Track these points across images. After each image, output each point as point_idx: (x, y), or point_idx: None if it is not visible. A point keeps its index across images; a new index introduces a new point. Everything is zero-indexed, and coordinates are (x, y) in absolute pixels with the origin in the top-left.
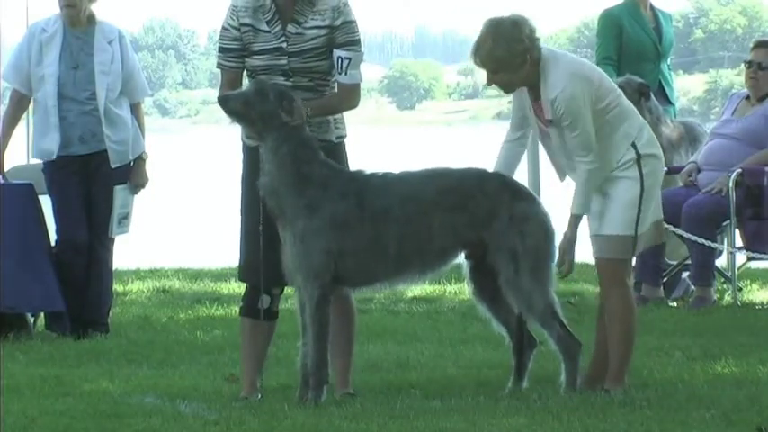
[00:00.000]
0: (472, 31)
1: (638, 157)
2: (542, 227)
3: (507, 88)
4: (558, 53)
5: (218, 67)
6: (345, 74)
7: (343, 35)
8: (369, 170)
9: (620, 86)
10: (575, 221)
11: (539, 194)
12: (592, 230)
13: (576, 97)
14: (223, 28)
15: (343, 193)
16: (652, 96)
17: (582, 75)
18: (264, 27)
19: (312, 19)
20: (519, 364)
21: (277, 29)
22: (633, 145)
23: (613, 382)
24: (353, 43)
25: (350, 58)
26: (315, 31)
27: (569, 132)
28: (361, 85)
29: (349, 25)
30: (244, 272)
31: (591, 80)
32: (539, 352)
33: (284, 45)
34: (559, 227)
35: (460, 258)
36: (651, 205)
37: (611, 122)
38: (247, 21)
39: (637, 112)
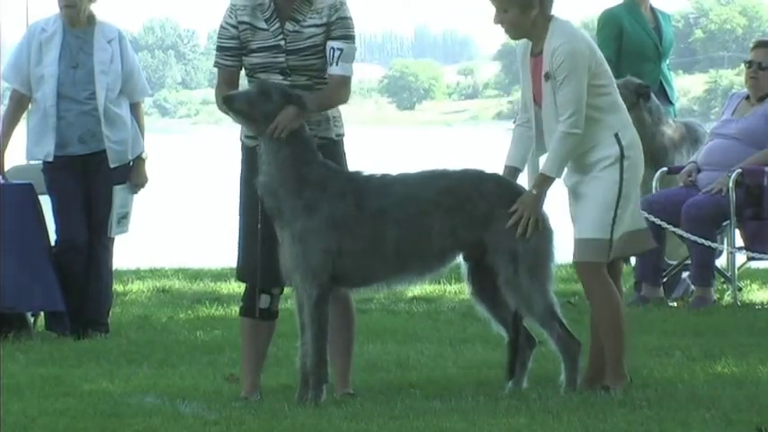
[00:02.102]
0: (472, 31)
1: (622, 154)
2: (541, 227)
3: (513, 32)
4: (572, 23)
5: (215, 66)
6: (336, 64)
7: (337, 29)
8: (367, 171)
9: (620, 88)
10: (542, 181)
11: None
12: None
13: (577, 53)
14: (221, 27)
15: (341, 194)
16: (653, 97)
17: (588, 42)
18: (263, 25)
19: (310, 18)
20: (512, 362)
21: (275, 27)
22: (617, 138)
23: (613, 380)
24: (347, 37)
25: (342, 49)
26: (313, 30)
27: (561, 88)
28: (362, 86)
29: (344, 21)
30: (242, 272)
31: (594, 52)
32: (539, 352)
33: (282, 43)
34: (558, 227)
35: (459, 259)
36: (628, 209)
37: (601, 107)
38: (246, 19)
39: (628, 113)
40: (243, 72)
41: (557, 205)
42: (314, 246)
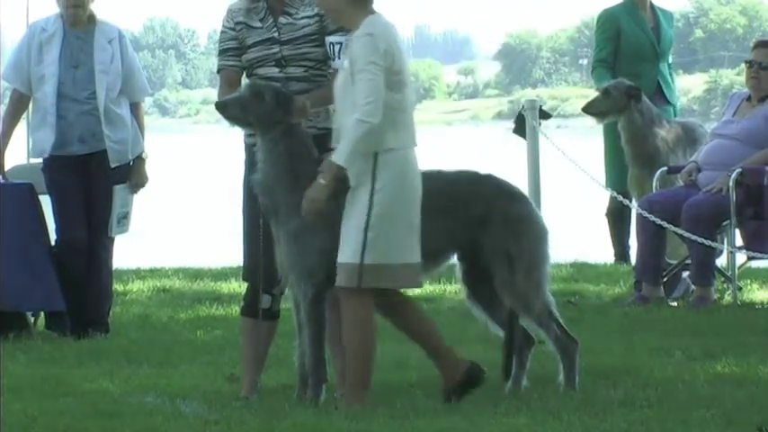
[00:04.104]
0: (472, 31)
1: (373, 176)
2: (536, 227)
3: (330, 14)
4: (391, 25)
5: (219, 70)
6: (338, 58)
7: (333, 23)
8: None
9: (609, 89)
10: (329, 169)
11: (539, 196)
12: None
13: (373, 47)
14: (221, 32)
15: (337, 193)
16: (644, 98)
17: (391, 48)
18: (258, 24)
19: (303, 11)
20: (508, 363)
21: (269, 22)
22: (375, 158)
23: (352, 399)
24: (345, 30)
25: (341, 43)
26: (305, 20)
27: (359, 77)
28: None
29: None
30: (246, 272)
31: (393, 59)
32: (538, 351)
33: (276, 35)
34: (553, 228)
35: (454, 259)
36: (385, 238)
37: (387, 116)
38: (241, 19)
39: (413, 137)
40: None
41: (557, 208)
42: (309, 245)
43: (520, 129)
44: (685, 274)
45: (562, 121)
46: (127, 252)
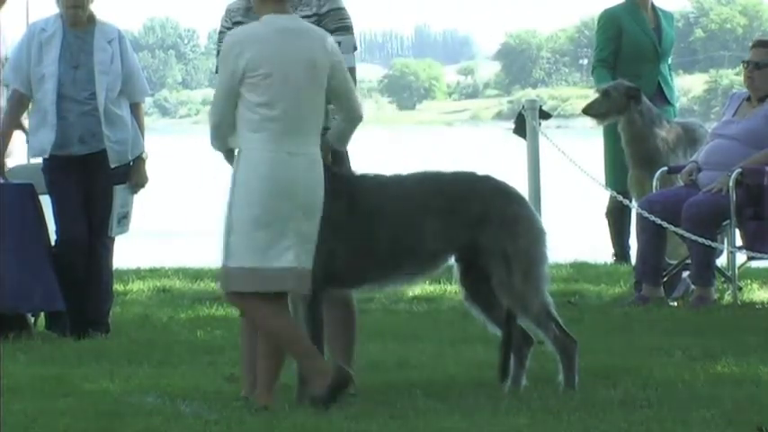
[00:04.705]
0: (472, 31)
1: (234, 179)
2: (534, 228)
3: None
4: (278, 29)
5: (216, 72)
6: None
7: (332, 22)
8: (360, 171)
9: (609, 90)
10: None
11: (539, 196)
12: None
13: (227, 49)
14: (219, 32)
15: (334, 194)
16: (644, 99)
17: (258, 43)
18: None
19: (300, 11)
20: (505, 363)
21: None
22: (239, 157)
23: (263, 397)
24: (343, 29)
25: (340, 42)
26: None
27: None
28: (362, 85)
29: (337, 12)
30: None
31: (250, 57)
32: (538, 351)
33: None
34: (553, 228)
35: (452, 261)
36: (245, 239)
37: (239, 117)
38: (239, 19)
39: (288, 140)
40: None
41: (558, 209)
42: None
43: (520, 129)
44: (685, 274)
45: (562, 122)
46: (127, 252)
